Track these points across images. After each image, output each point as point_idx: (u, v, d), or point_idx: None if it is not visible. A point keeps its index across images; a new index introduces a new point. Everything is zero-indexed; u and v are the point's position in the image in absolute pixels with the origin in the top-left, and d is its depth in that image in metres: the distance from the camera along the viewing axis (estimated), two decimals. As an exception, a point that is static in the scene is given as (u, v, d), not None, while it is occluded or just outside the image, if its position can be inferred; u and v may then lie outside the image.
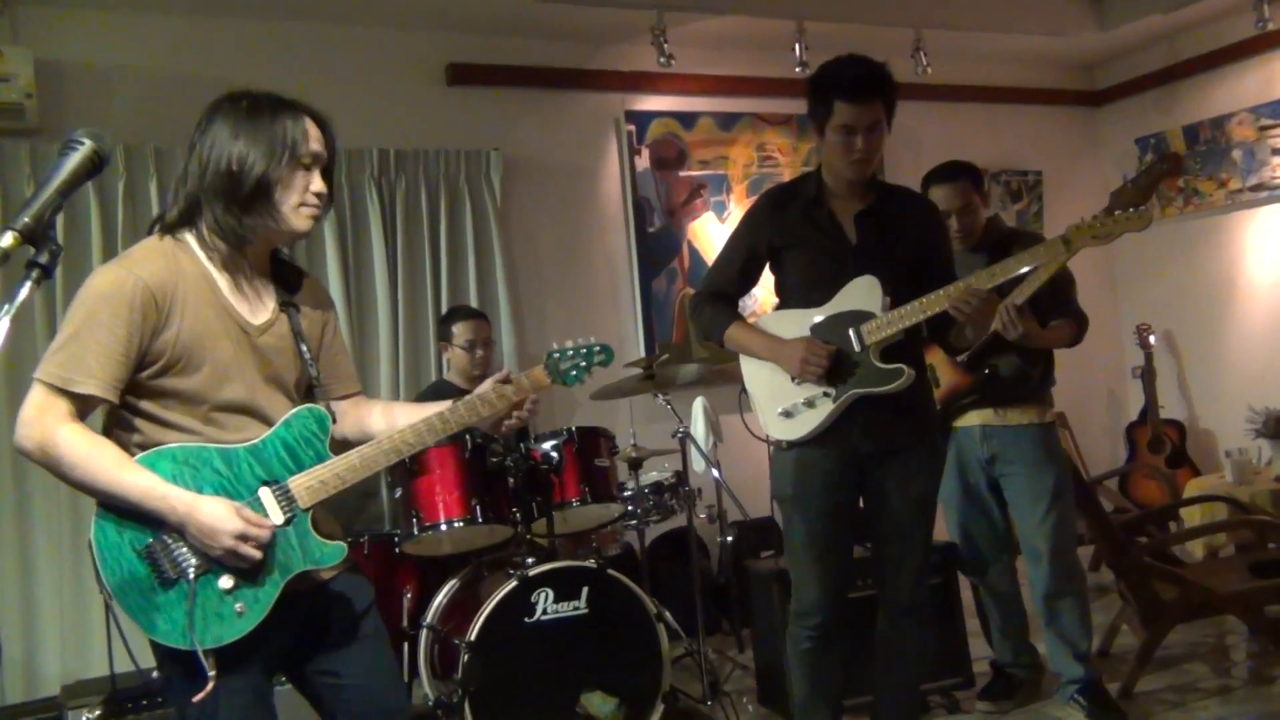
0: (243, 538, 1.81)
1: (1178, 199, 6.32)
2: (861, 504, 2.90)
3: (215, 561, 1.83)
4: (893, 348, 2.75)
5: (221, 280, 1.95)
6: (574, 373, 2.19)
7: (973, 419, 3.52)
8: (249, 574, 1.87)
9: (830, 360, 2.71)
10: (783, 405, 2.84)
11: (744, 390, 3.01)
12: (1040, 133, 6.62)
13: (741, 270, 2.96)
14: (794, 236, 2.86)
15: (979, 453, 3.52)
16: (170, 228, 1.93)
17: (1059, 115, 6.71)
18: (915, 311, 2.70)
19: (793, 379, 2.81)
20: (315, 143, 1.96)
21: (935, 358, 3.50)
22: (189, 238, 1.93)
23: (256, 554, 1.84)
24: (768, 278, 3.02)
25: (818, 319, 2.80)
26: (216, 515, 1.81)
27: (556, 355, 2.19)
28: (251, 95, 1.95)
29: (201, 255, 1.93)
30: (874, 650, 2.98)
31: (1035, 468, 3.43)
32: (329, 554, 1.96)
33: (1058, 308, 3.42)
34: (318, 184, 1.96)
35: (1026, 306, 3.22)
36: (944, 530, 3.68)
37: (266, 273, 2.05)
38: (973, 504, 3.58)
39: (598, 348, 2.22)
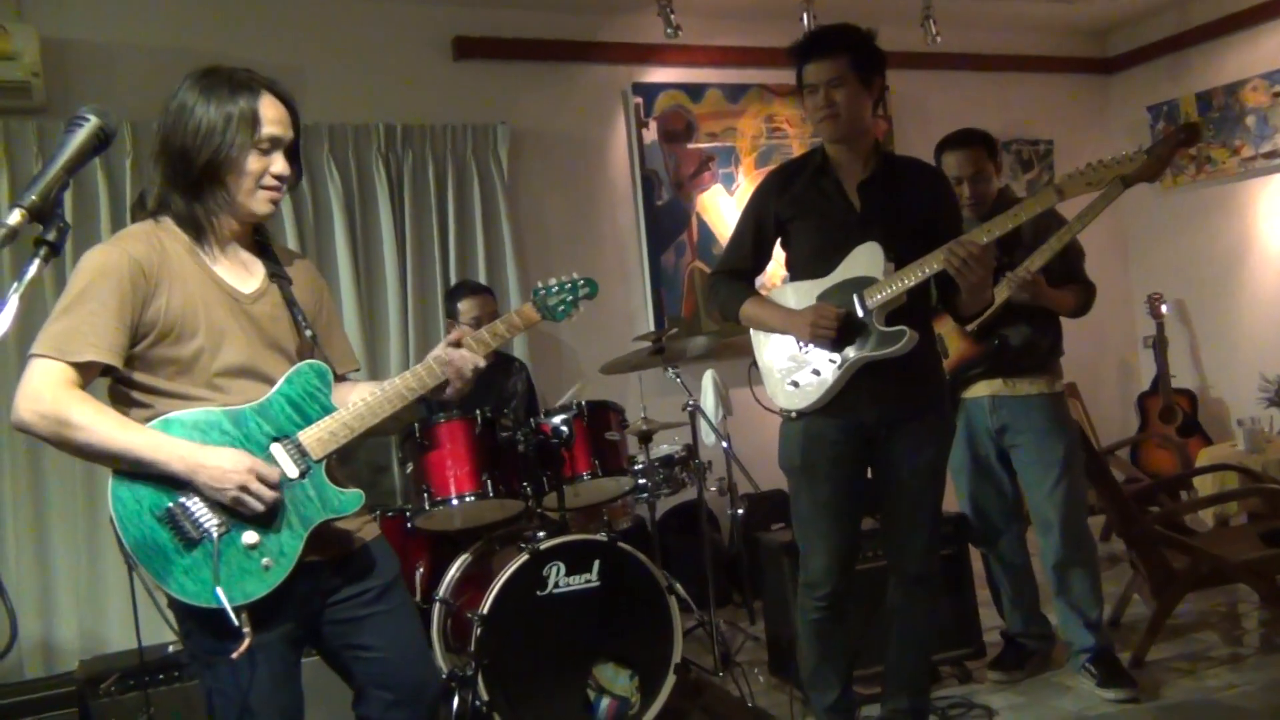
0: (253, 475, 1.84)
1: (1190, 167, 6.27)
2: (871, 475, 2.91)
3: (232, 511, 1.85)
4: (899, 314, 2.74)
5: (205, 255, 1.97)
6: (561, 308, 2.22)
7: (982, 389, 3.51)
8: (271, 527, 1.89)
9: (839, 322, 2.71)
10: (791, 375, 2.84)
11: (754, 363, 3.01)
12: (1051, 101, 6.56)
13: (753, 246, 2.97)
14: (801, 208, 2.87)
15: (988, 423, 3.51)
16: (151, 214, 1.97)
17: (1070, 83, 6.65)
18: (915, 273, 2.69)
19: (800, 346, 2.82)
20: (272, 125, 1.94)
21: (944, 328, 3.49)
22: (168, 219, 1.96)
23: (270, 493, 1.86)
24: (780, 253, 3.01)
25: (825, 288, 2.81)
26: (222, 458, 1.84)
27: (543, 292, 2.22)
28: (212, 75, 1.94)
29: (182, 234, 1.96)
30: (884, 620, 2.99)
31: (1045, 437, 3.43)
32: (347, 501, 1.98)
33: (1066, 277, 3.42)
34: (278, 166, 1.97)
35: (1039, 274, 3.25)
36: (954, 501, 3.69)
37: (251, 248, 2.07)
38: (982, 475, 3.58)
39: (581, 281, 2.24)
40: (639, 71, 5.40)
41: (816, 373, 2.80)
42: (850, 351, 2.75)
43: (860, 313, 2.73)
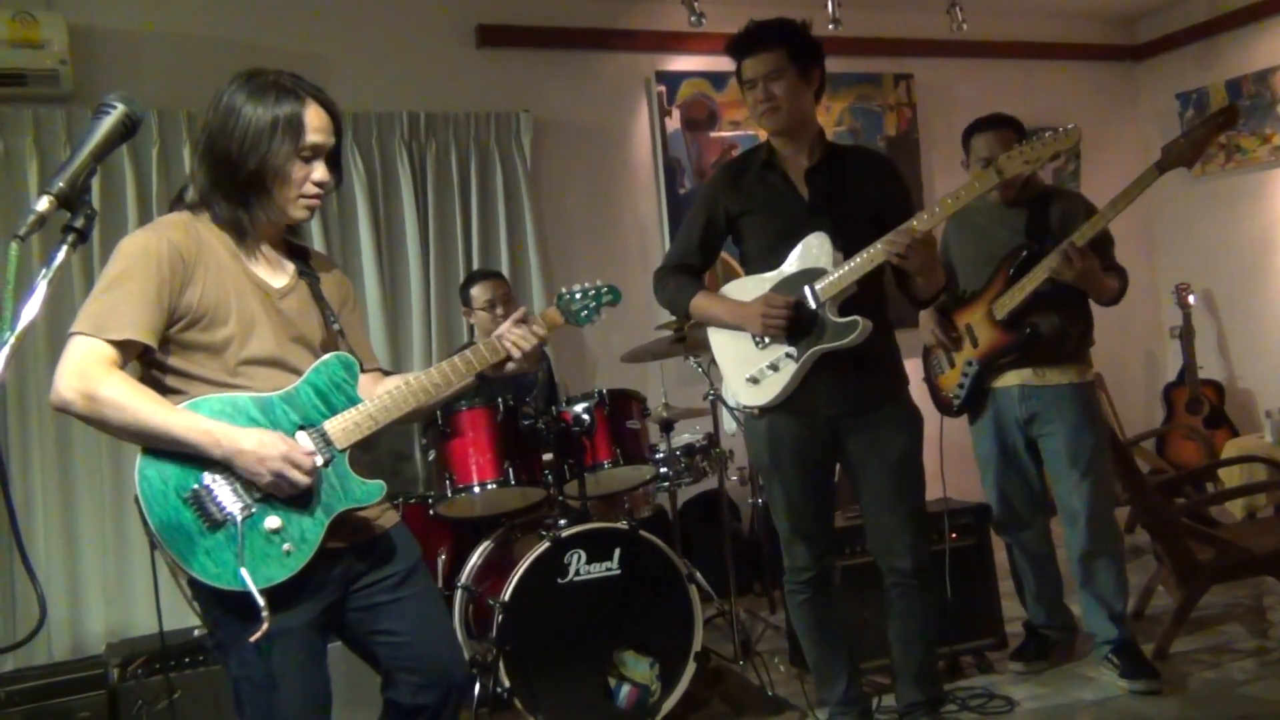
0: (289, 461, 1.86)
1: (1219, 155, 6.19)
2: (844, 471, 2.91)
3: (263, 493, 1.88)
4: (852, 303, 2.73)
5: (239, 249, 2.01)
6: (584, 313, 2.28)
7: (1011, 379, 3.47)
8: (294, 513, 1.91)
9: (790, 310, 2.70)
10: (748, 372, 2.85)
11: (713, 361, 3.02)
12: (1078, 89, 6.49)
13: (701, 242, 2.98)
14: (750, 201, 2.89)
15: (1017, 413, 3.47)
16: (190, 208, 2.01)
17: (1097, 71, 6.59)
18: (863, 263, 2.68)
19: (755, 340, 2.82)
20: (315, 134, 1.97)
21: (973, 317, 3.46)
22: (205, 215, 2.00)
23: (305, 479, 1.88)
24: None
25: (776, 281, 2.81)
26: (261, 442, 1.87)
27: (566, 296, 2.28)
28: (258, 79, 1.97)
29: (218, 228, 1.99)
30: (885, 614, 2.99)
31: (1074, 428, 3.39)
32: (369, 491, 2.01)
33: (1101, 263, 3.35)
34: (319, 174, 2.00)
35: (1088, 249, 3.20)
36: (978, 491, 3.67)
37: (280, 246, 2.11)
38: (1010, 465, 3.54)
39: (605, 288, 2.29)
40: (662, 60, 5.39)
41: (774, 368, 2.80)
42: (805, 344, 2.74)
43: (812, 304, 2.73)
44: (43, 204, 1.45)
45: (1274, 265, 6.06)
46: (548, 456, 3.47)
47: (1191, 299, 5.95)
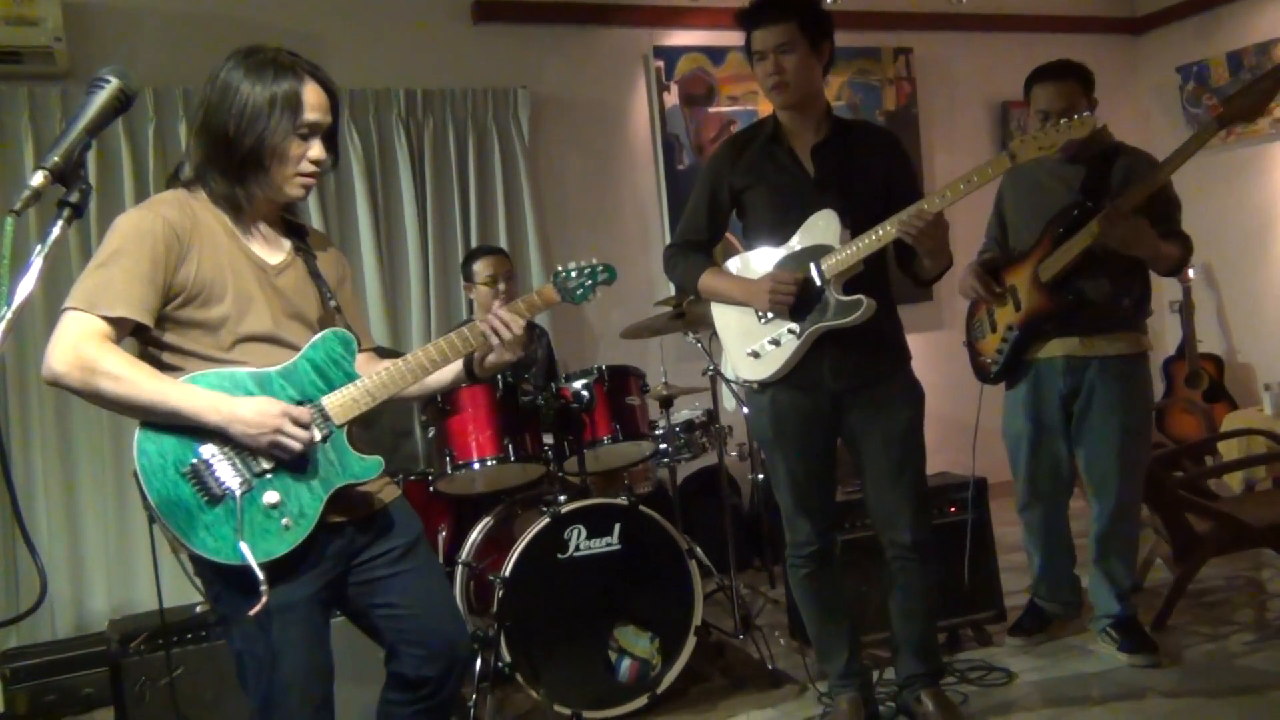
0: (288, 415, 1.87)
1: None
2: (846, 445, 2.91)
3: (262, 467, 1.89)
4: (856, 281, 2.72)
5: (235, 226, 2.01)
6: (580, 291, 2.29)
7: (1055, 349, 3.30)
8: (293, 488, 1.92)
9: (798, 287, 2.70)
10: (750, 346, 2.84)
11: (713, 335, 3.01)
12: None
13: (708, 218, 2.96)
14: (754, 176, 2.86)
15: (1060, 386, 3.31)
16: (185, 185, 2.01)
17: (1097, 44, 6.53)
18: (871, 242, 2.66)
19: (758, 316, 2.81)
20: (313, 112, 1.97)
21: (1020, 278, 3.34)
22: (201, 192, 2.00)
23: (305, 434, 1.89)
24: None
25: (781, 257, 2.80)
26: (258, 407, 1.88)
27: (563, 274, 2.29)
28: (256, 55, 1.96)
29: (214, 205, 2.00)
30: (885, 587, 3.00)
31: (1115, 405, 3.25)
32: (367, 467, 2.01)
33: (1162, 227, 3.20)
34: (315, 152, 2.00)
35: (1131, 213, 3.03)
36: (982, 466, 3.67)
37: (277, 224, 2.11)
38: (1043, 446, 3.41)
39: (600, 267, 2.31)
40: (660, 34, 5.36)
41: (775, 343, 2.79)
42: (808, 321, 2.73)
43: (818, 281, 2.72)
44: (37, 179, 1.45)
45: (1274, 239, 6.04)
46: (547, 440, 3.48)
47: (1191, 273, 5.95)
